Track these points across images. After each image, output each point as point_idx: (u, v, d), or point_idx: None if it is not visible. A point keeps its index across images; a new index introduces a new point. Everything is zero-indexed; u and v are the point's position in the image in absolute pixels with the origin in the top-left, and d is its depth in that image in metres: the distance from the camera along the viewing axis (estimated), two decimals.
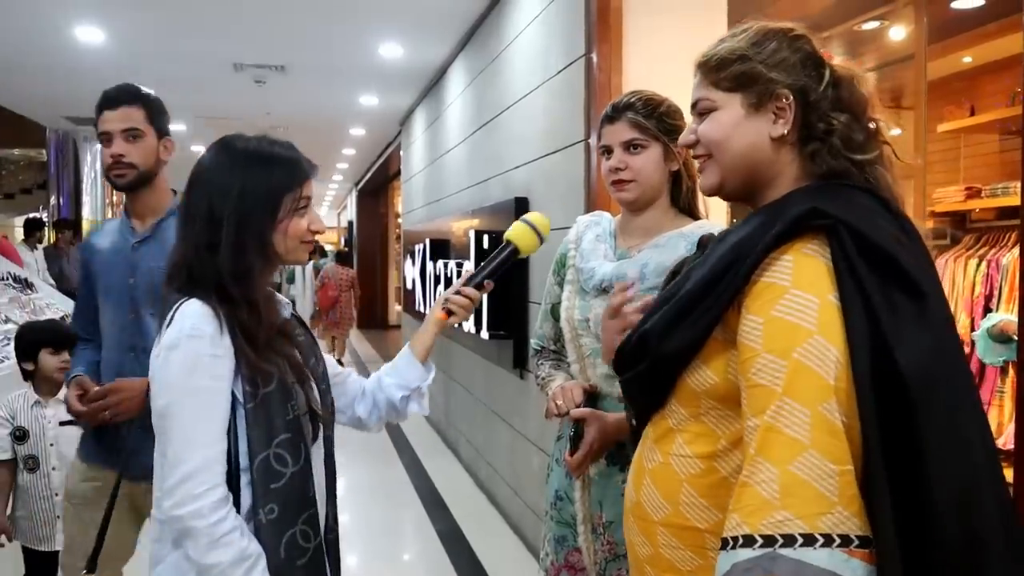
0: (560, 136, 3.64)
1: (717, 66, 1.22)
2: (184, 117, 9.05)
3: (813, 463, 0.97)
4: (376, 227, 16.41)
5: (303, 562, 1.46)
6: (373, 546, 4.45)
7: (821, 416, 0.99)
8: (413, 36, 5.71)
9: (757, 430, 1.03)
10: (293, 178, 1.53)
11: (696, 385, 1.17)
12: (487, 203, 4.89)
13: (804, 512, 0.96)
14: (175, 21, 5.43)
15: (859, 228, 1.05)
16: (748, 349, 1.07)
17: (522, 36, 4.28)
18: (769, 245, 1.08)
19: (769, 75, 1.19)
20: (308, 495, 1.49)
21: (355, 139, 10.67)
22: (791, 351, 1.02)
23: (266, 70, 6.67)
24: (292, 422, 1.47)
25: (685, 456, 1.19)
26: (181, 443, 1.40)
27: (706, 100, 1.23)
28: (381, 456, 6.24)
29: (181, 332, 1.42)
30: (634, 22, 3.22)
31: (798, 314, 1.04)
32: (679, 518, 1.19)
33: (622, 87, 3.16)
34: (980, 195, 4.10)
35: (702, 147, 1.25)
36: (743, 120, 1.20)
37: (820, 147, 1.18)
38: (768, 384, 1.03)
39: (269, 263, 1.53)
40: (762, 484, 0.99)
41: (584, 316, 1.89)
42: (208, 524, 1.37)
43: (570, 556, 1.94)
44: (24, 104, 8.57)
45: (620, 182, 1.85)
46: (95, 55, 6.22)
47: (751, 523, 0.99)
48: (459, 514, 4.79)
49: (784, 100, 1.18)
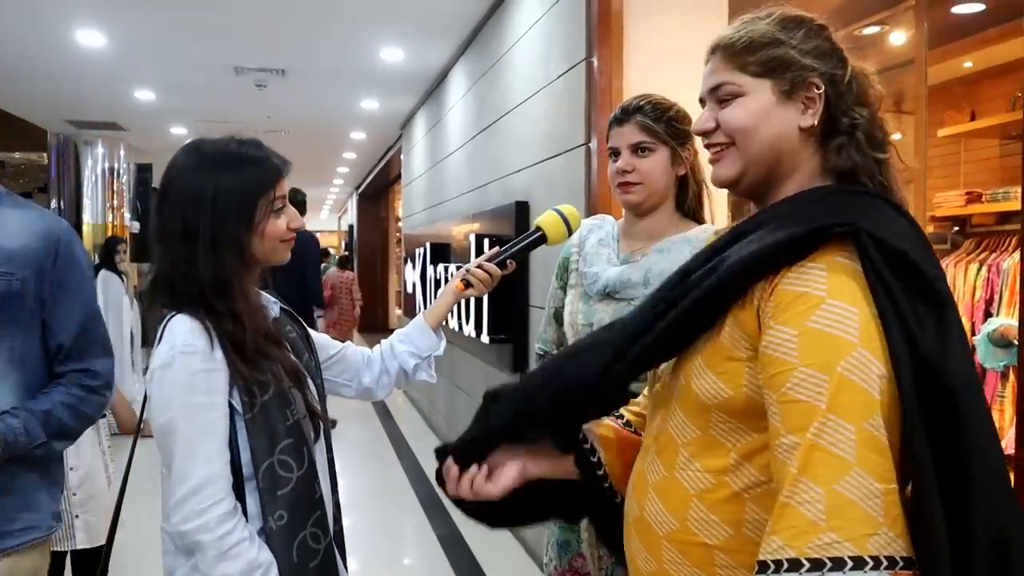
0: (561, 140, 3.64)
1: (745, 49, 1.15)
2: (185, 121, 9.07)
3: (859, 482, 0.93)
4: (377, 231, 16.41)
5: (315, 563, 1.47)
6: (373, 550, 4.44)
7: (867, 433, 0.95)
8: (414, 40, 5.72)
9: (798, 448, 0.97)
10: (265, 179, 1.49)
11: (707, 398, 1.11)
12: (488, 207, 4.89)
13: (852, 534, 0.92)
14: (176, 25, 5.44)
15: (883, 237, 1.01)
16: (780, 363, 1.01)
17: (523, 40, 4.28)
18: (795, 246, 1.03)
19: (803, 61, 1.13)
20: (315, 497, 1.49)
21: (356, 143, 10.67)
22: (834, 365, 0.97)
23: (267, 74, 6.68)
24: (293, 427, 1.47)
25: (694, 470, 1.14)
26: (183, 460, 1.40)
27: (731, 85, 1.15)
28: (381, 460, 6.23)
29: (173, 349, 1.41)
30: (635, 26, 3.23)
31: (839, 326, 0.98)
32: (687, 534, 1.13)
33: (623, 91, 3.17)
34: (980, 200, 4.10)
35: (723, 134, 1.17)
36: (774, 107, 1.13)
37: (846, 142, 1.13)
38: (808, 400, 0.97)
39: (249, 270, 1.51)
40: (806, 504, 0.95)
41: (588, 321, 1.89)
42: (215, 538, 1.38)
43: (574, 561, 1.94)
44: (25, 107, 8.58)
45: (627, 184, 1.85)
46: (96, 59, 6.23)
47: (796, 546, 0.94)
48: (459, 518, 4.77)
49: (815, 89, 1.13)
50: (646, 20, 3.24)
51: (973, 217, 4.25)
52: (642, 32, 3.23)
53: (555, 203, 3.76)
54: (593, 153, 3.29)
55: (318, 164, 13.24)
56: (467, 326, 4.87)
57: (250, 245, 1.48)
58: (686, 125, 1.86)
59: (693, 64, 1.28)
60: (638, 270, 1.82)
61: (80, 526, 2.84)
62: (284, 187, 1.53)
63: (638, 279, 1.81)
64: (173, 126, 9.30)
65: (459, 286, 1.78)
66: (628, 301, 1.82)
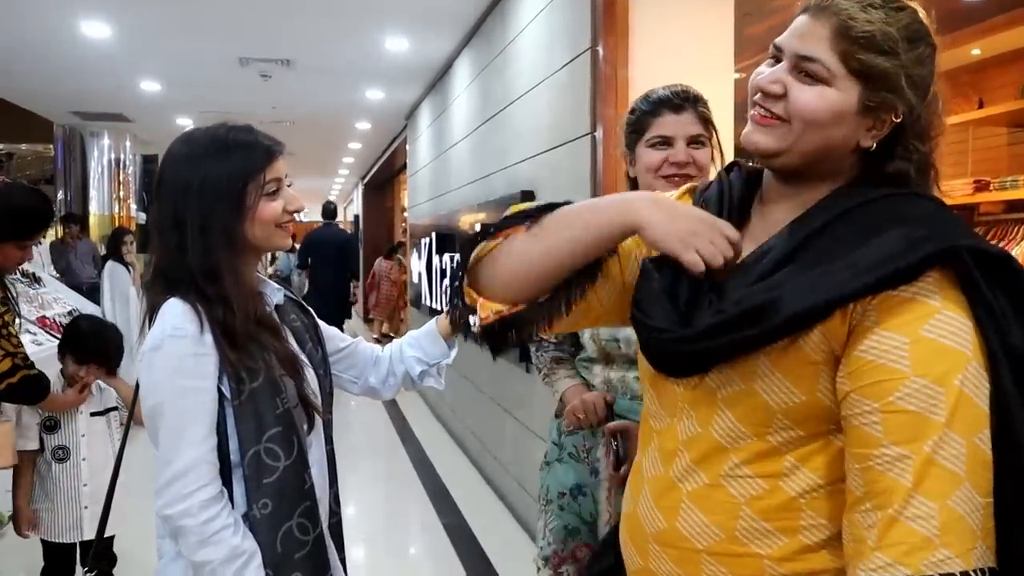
0: (566, 130, 3.63)
1: (859, 40, 1.02)
2: (190, 112, 9.07)
3: (967, 496, 0.92)
4: (382, 221, 16.40)
5: (301, 555, 1.45)
6: (379, 539, 4.46)
7: (976, 447, 0.93)
8: (419, 30, 5.71)
9: (906, 460, 0.93)
10: (253, 163, 1.48)
11: (776, 402, 1.04)
12: (493, 197, 4.88)
13: (961, 550, 0.91)
14: (181, 16, 5.43)
15: (980, 247, 0.97)
16: (888, 370, 0.96)
17: (528, 29, 4.27)
18: (900, 278, 0.97)
19: (903, 87, 1.03)
20: (304, 488, 1.47)
21: (361, 133, 10.67)
22: (951, 378, 0.93)
23: (272, 65, 6.67)
24: (282, 416, 1.45)
25: (744, 477, 1.07)
26: (169, 443, 1.40)
27: (822, 66, 1.03)
28: (387, 449, 6.25)
29: (164, 332, 1.41)
30: (640, 14, 3.21)
31: (954, 337, 0.95)
32: (735, 544, 1.07)
33: (628, 80, 3.15)
34: (988, 188, 4.08)
35: (783, 107, 1.06)
36: (851, 114, 1.04)
37: (902, 167, 1.07)
38: (922, 412, 0.93)
39: (238, 256, 1.49)
40: (919, 520, 0.92)
41: (614, 336, 1.85)
42: (198, 523, 1.38)
43: (578, 550, 1.93)
44: (31, 99, 8.59)
45: (685, 177, 1.72)
46: (101, 50, 6.23)
47: (910, 563, 0.91)
48: (465, 507, 4.80)
49: (893, 117, 1.05)
50: (652, 7, 3.22)
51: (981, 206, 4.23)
52: (648, 20, 3.21)
53: (560, 193, 3.77)
54: (598, 143, 3.28)
55: (324, 154, 13.23)
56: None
57: (242, 230, 1.47)
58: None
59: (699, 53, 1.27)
60: None
61: (87, 517, 2.85)
62: (278, 170, 1.51)
63: None
64: (179, 117, 9.30)
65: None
66: None
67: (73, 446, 2.86)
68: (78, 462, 2.86)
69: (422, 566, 4.10)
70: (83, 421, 2.88)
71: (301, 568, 1.44)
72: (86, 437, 2.88)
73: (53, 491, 2.85)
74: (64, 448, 2.85)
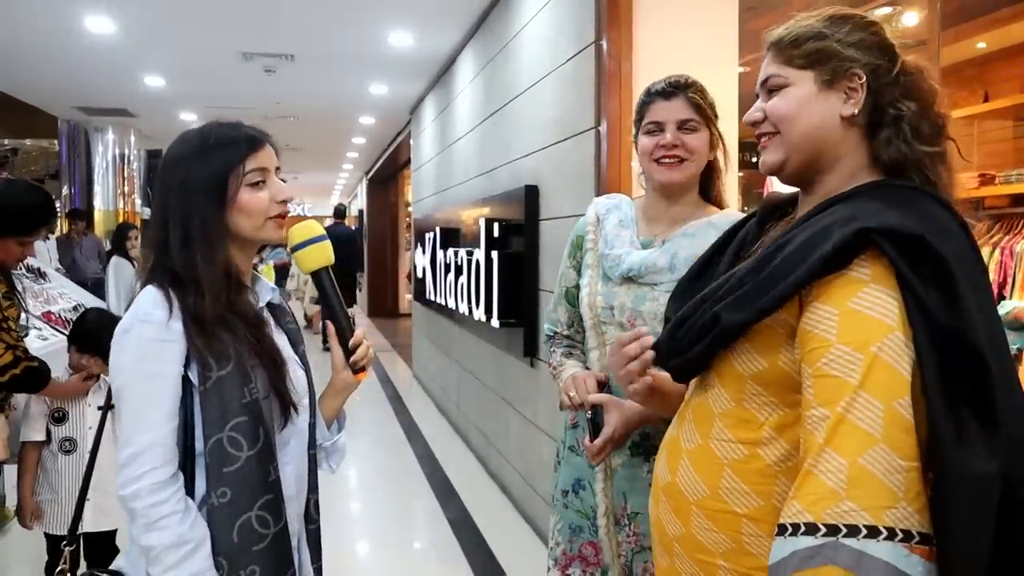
0: (570, 124, 3.63)
1: (792, 43, 1.22)
2: (194, 107, 9.08)
3: (883, 457, 0.98)
4: (386, 216, 16.42)
5: (260, 547, 1.43)
6: (384, 534, 4.46)
7: (895, 411, 1.00)
8: (423, 24, 5.70)
9: (826, 420, 1.02)
10: (234, 153, 1.48)
11: (743, 369, 1.18)
12: (497, 191, 4.88)
13: (870, 504, 0.97)
14: (184, 10, 5.44)
15: (892, 226, 1.05)
16: (818, 339, 1.07)
17: (532, 23, 4.26)
18: (832, 255, 1.07)
19: (845, 53, 1.19)
20: (267, 480, 1.45)
21: (365, 128, 10.67)
22: (870, 344, 1.02)
23: (275, 59, 6.67)
24: (249, 405, 1.44)
25: (727, 440, 1.20)
26: (129, 425, 1.41)
27: (778, 77, 1.23)
28: (392, 444, 6.26)
29: (135, 317, 1.44)
30: (645, 8, 3.20)
31: (878, 309, 1.04)
32: (718, 501, 1.20)
33: (632, 74, 3.15)
34: (994, 182, 4.06)
35: (769, 124, 1.24)
36: (815, 97, 1.20)
37: (892, 135, 1.18)
38: (841, 375, 1.03)
39: (216, 246, 1.48)
40: (828, 474, 1.00)
41: (608, 304, 1.86)
42: (144, 506, 1.38)
43: (584, 548, 1.92)
44: (35, 94, 8.60)
45: (674, 159, 1.80)
46: (105, 45, 6.24)
47: (814, 511, 0.99)
48: (470, 502, 4.81)
49: (857, 80, 1.19)
50: (656, 1, 3.21)
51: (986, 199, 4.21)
52: (652, 14, 3.20)
53: (564, 187, 3.77)
54: (603, 137, 3.27)
55: (328, 149, 13.24)
56: (477, 311, 4.88)
57: (225, 220, 1.48)
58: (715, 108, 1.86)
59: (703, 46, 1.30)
60: (664, 255, 1.80)
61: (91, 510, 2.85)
62: (262, 160, 1.51)
63: (664, 264, 1.79)
64: (183, 112, 9.31)
65: (360, 376, 1.65)
66: (651, 286, 1.80)
67: (80, 438, 2.88)
68: (83, 454, 2.87)
69: (427, 561, 4.11)
70: (91, 414, 2.90)
71: (259, 561, 1.43)
72: (93, 430, 2.89)
73: (57, 483, 2.86)
74: (71, 440, 2.87)
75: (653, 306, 1.78)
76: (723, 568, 1.20)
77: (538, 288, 4.14)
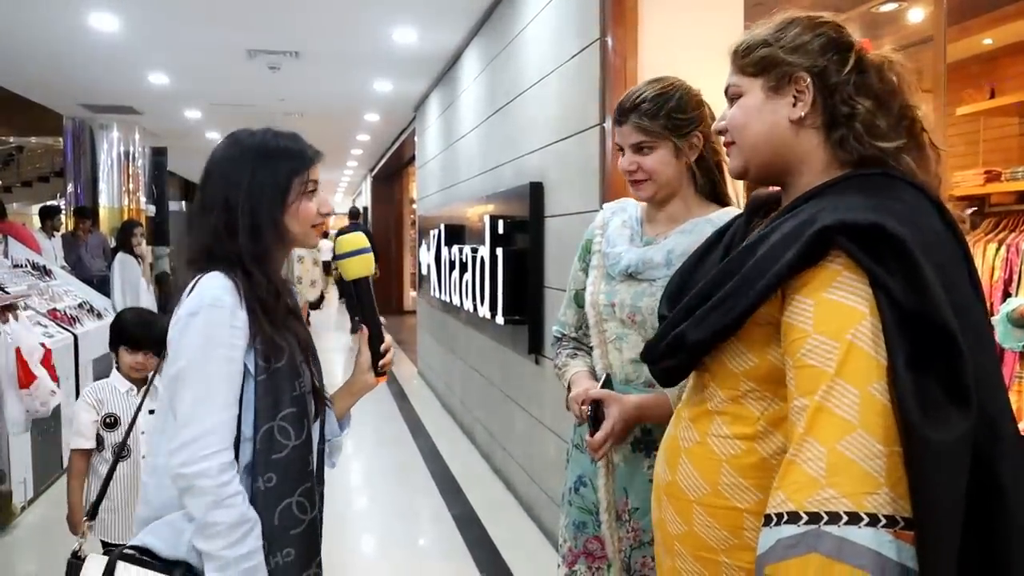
0: (575, 121, 3.63)
1: (744, 53, 1.26)
2: (199, 104, 9.08)
3: (861, 443, 0.99)
4: (391, 213, 16.41)
5: (297, 532, 1.51)
6: (389, 530, 4.47)
7: (870, 396, 1.00)
8: (427, 21, 5.70)
9: (806, 410, 1.04)
10: (301, 163, 1.61)
11: (735, 366, 1.20)
12: (502, 188, 4.88)
13: (850, 491, 0.98)
14: (189, 7, 5.44)
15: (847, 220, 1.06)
16: (797, 330, 1.09)
17: (536, 20, 4.26)
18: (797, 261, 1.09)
19: (787, 59, 1.21)
20: (307, 469, 1.54)
21: (369, 125, 10.67)
22: (844, 332, 1.04)
23: (280, 56, 6.67)
24: (298, 398, 1.53)
25: (724, 437, 1.22)
26: (194, 405, 1.45)
27: (735, 86, 1.28)
28: (397, 441, 6.27)
29: (203, 301, 1.48)
30: (649, 4, 3.19)
31: (853, 297, 1.05)
32: (718, 498, 1.21)
33: (637, 71, 3.14)
34: (999, 179, 4.05)
35: (729, 133, 1.28)
36: (763, 104, 1.24)
37: (846, 133, 1.19)
38: (819, 365, 1.04)
39: (283, 244, 1.60)
40: (809, 462, 1.01)
41: (610, 301, 1.89)
42: (215, 484, 1.42)
43: (589, 543, 1.94)
44: (40, 92, 8.61)
45: (636, 182, 1.87)
46: (110, 42, 6.24)
47: (796, 500, 1.00)
48: (474, 499, 4.81)
49: (802, 83, 1.21)
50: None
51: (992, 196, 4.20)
52: (657, 10, 3.20)
53: (569, 183, 3.76)
54: (607, 134, 3.27)
55: (332, 146, 13.24)
56: (482, 307, 4.88)
57: (285, 221, 1.58)
58: (690, 112, 1.83)
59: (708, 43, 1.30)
60: (660, 251, 1.82)
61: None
62: (317, 173, 1.65)
63: (660, 260, 1.81)
64: (187, 109, 9.31)
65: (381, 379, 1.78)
66: (650, 282, 1.82)
67: (133, 443, 2.77)
68: (138, 460, 2.78)
69: (431, 557, 4.11)
70: (143, 419, 2.80)
71: (295, 544, 1.50)
72: (146, 434, 2.81)
73: (112, 490, 2.66)
74: (126, 446, 2.67)
75: (651, 302, 1.80)
76: (725, 564, 1.21)
77: (543, 285, 4.14)
